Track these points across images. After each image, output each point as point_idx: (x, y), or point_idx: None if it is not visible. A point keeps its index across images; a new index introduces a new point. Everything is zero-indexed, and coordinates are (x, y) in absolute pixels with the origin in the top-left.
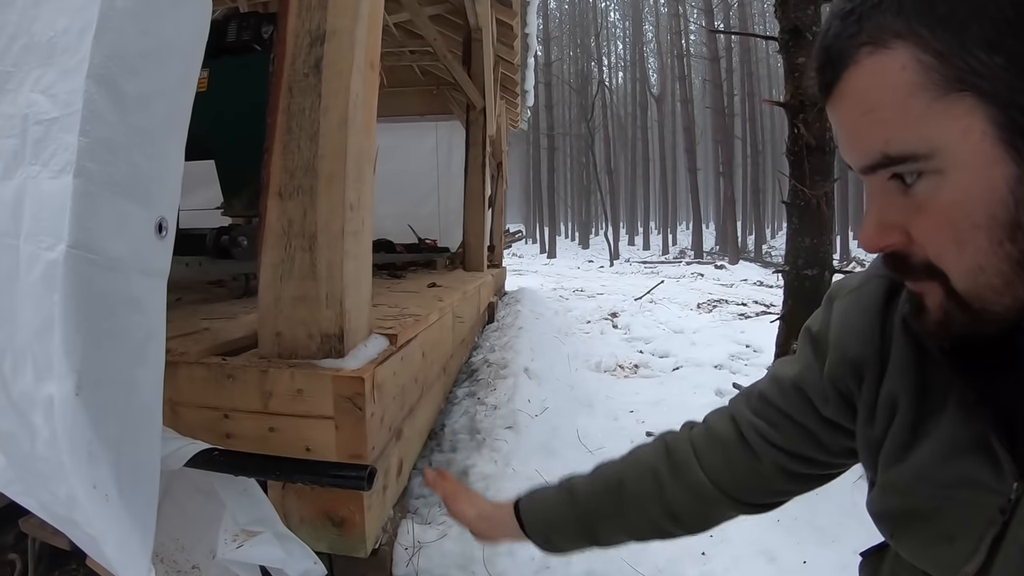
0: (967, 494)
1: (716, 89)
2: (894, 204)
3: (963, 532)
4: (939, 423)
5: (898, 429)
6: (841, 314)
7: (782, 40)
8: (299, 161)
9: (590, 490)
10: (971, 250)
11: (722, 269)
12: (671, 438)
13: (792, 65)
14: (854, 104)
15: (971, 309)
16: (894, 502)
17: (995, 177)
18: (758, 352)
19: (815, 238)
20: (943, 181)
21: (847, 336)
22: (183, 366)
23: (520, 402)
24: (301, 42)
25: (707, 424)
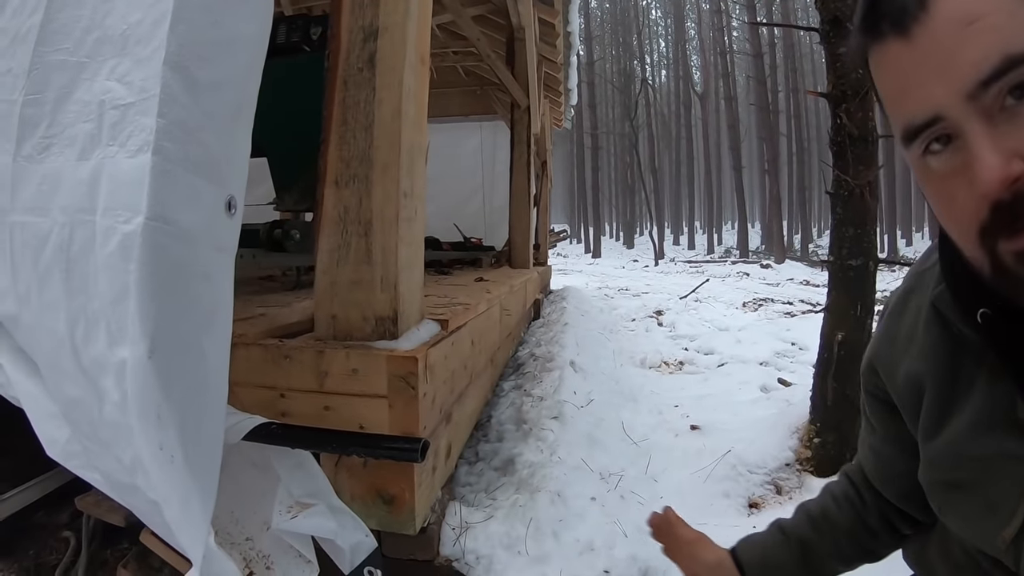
0: (1002, 464)
1: (760, 85)
2: (1008, 130)
3: (1002, 501)
4: (970, 399)
5: (929, 406)
6: (879, 326)
7: (823, 31)
8: (355, 151)
9: (798, 526)
10: None
11: (768, 268)
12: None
13: (834, 55)
14: (953, 20)
15: None
16: (937, 475)
17: None
18: (804, 350)
19: (859, 228)
20: None
21: (872, 344)
22: (240, 347)
23: (566, 394)
24: (355, 38)
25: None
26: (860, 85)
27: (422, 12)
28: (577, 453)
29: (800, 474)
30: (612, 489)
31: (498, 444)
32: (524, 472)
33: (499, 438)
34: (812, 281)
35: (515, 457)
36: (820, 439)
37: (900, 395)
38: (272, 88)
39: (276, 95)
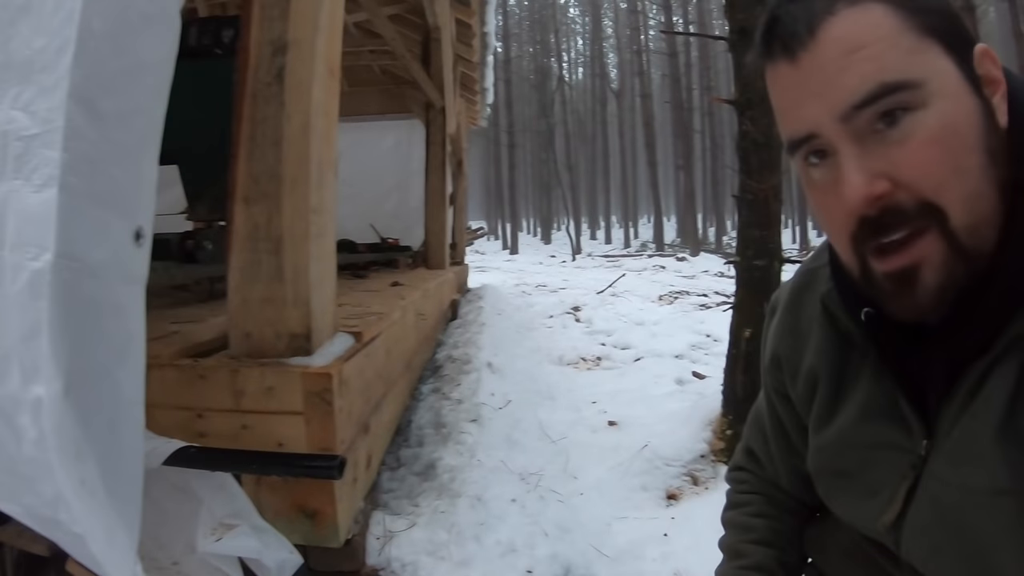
0: (883, 454)
1: (675, 84)
2: (876, 151)
3: (882, 487)
4: (856, 392)
5: (822, 398)
6: (772, 324)
7: (730, 40)
8: (263, 167)
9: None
10: (969, 174)
11: (683, 261)
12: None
13: (740, 64)
14: (838, 47)
15: (969, 255)
16: (824, 463)
17: (969, 106)
18: (718, 341)
19: (764, 230)
20: (928, 114)
21: (773, 340)
22: (155, 369)
23: (483, 396)
24: (263, 52)
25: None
26: (765, 93)
27: (332, 25)
28: (496, 455)
29: (715, 465)
30: (532, 489)
31: (419, 449)
32: (445, 477)
33: (419, 443)
34: (726, 273)
35: (436, 461)
36: (733, 431)
37: (799, 390)
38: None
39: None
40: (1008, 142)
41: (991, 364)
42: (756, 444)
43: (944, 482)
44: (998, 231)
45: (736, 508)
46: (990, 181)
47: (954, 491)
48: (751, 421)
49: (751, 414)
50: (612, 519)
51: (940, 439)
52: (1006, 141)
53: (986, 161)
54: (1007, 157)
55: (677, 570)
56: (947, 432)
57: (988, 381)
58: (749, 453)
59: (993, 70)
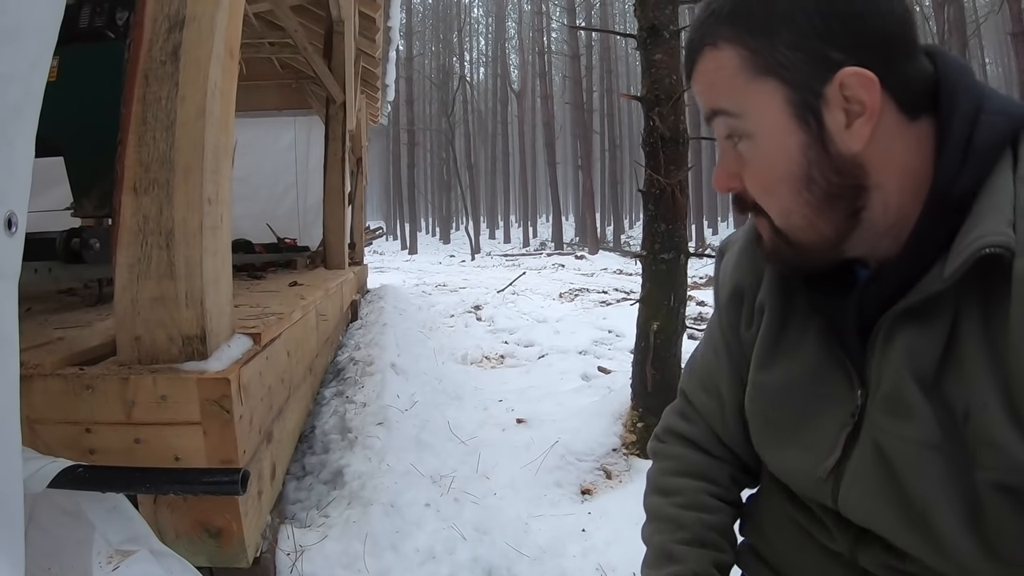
0: (823, 402)
1: (576, 85)
2: (731, 158)
3: (821, 435)
4: (799, 341)
5: (765, 333)
6: (730, 259)
7: (640, 37)
8: (155, 153)
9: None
10: (777, 197)
11: (582, 259)
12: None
13: (650, 61)
14: (703, 80)
15: (791, 242)
16: (764, 403)
17: (790, 142)
18: (620, 337)
19: (670, 224)
20: (754, 144)
21: (734, 273)
22: (37, 379)
23: (389, 398)
24: (159, 27)
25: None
26: (673, 90)
27: (234, 2)
28: (406, 458)
29: (627, 458)
30: (445, 492)
31: (324, 456)
32: (354, 484)
33: (325, 449)
34: (625, 270)
35: (343, 468)
36: (643, 423)
37: (754, 323)
38: (70, 79)
39: (74, 87)
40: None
41: (899, 316)
42: (698, 398)
43: (882, 430)
44: (822, 236)
45: (664, 496)
46: (806, 202)
47: (892, 439)
48: (691, 373)
49: (688, 366)
50: (529, 517)
51: (872, 389)
52: (860, 158)
53: (799, 188)
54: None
55: (599, 565)
56: (877, 382)
57: (898, 334)
58: (682, 415)
59: (861, 93)
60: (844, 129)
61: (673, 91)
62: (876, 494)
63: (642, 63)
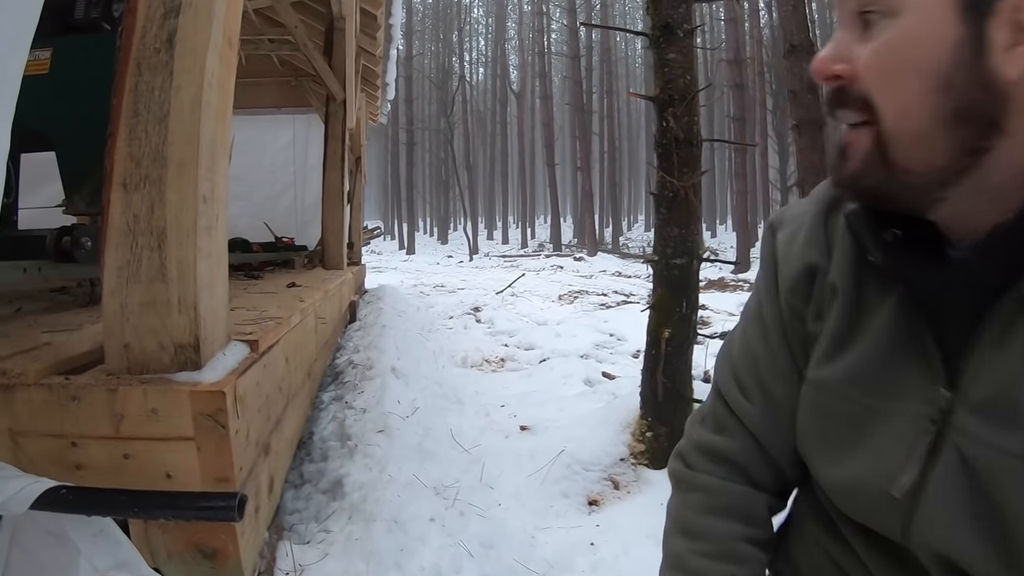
0: (898, 402)
1: (576, 87)
2: (852, 39)
3: (892, 444)
4: (874, 324)
5: (836, 320)
6: (788, 236)
7: (653, 36)
8: (146, 148)
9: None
10: (905, 90)
11: (581, 261)
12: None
13: (663, 60)
14: None
15: (889, 162)
16: (823, 404)
17: (943, 32)
18: (622, 340)
19: (683, 228)
20: (897, 23)
21: (805, 251)
22: (20, 389)
23: (390, 404)
24: (154, 13)
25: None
26: (687, 90)
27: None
28: (408, 468)
29: (636, 468)
30: (450, 505)
31: (323, 464)
32: (355, 496)
33: (323, 457)
34: (624, 272)
35: (343, 478)
36: (653, 433)
37: (821, 310)
38: (63, 71)
39: (67, 79)
40: None
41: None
42: (740, 402)
43: (976, 441)
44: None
45: (690, 539)
46: (932, 109)
47: (989, 453)
48: (729, 373)
49: (724, 365)
50: (536, 530)
51: (965, 388)
52: (1008, 90)
53: (933, 88)
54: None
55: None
56: (973, 381)
57: (1019, 325)
58: (717, 426)
59: None
60: (1005, 50)
61: (687, 91)
62: (962, 521)
63: (655, 62)
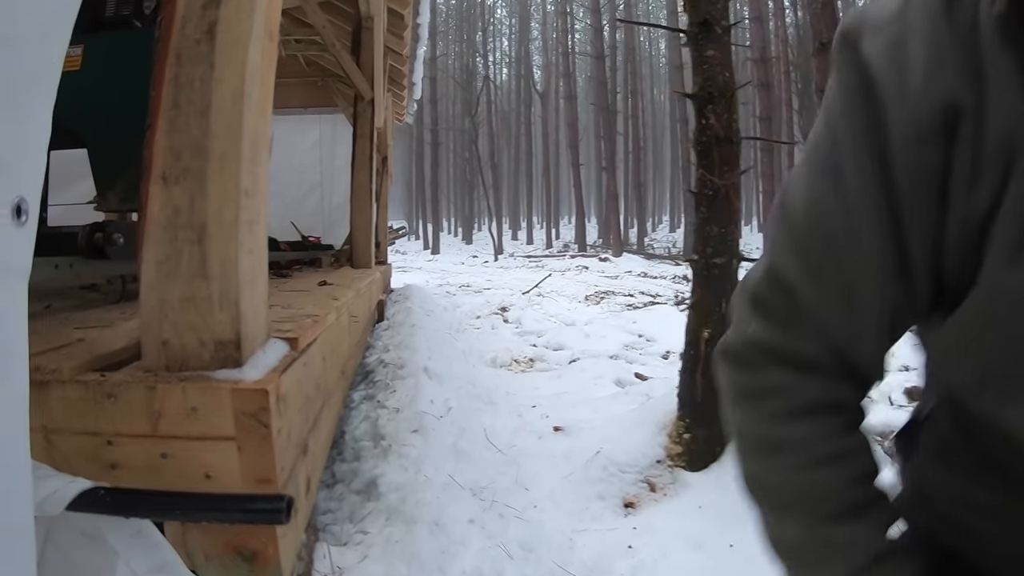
0: None
1: (600, 87)
2: None
3: None
4: None
5: (1018, 197)
6: (887, 46)
7: (691, 33)
8: (187, 140)
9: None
10: None
11: (606, 262)
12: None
13: (702, 57)
14: None
15: None
16: (1002, 327)
17: None
18: (651, 341)
19: (723, 227)
20: None
21: (935, 77)
22: (55, 386)
23: (423, 403)
24: (194, 3)
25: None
26: (726, 87)
27: None
28: (444, 469)
29: (673, 470)
30: (488, 508)
31: (356, 463)
32: (393, 497)
33: (356, 456)
34: (649, 273)
35: (377, 478)
36: (691, 434)
37: (980, 172)
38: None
39: (99, 76)
40: None
41: None
42: (809, 291)
43: None
44: None
45: (783, 452)
46: None
47: None
48: (794, 250)
49: (787, 239)
50: (573, 532)
51: None
52: None
53: None
54: None
55: None
56: None
57: None
58: (777, 318)
59: None
60: None
61: (726, 88)
62: None
63: (693, 59)
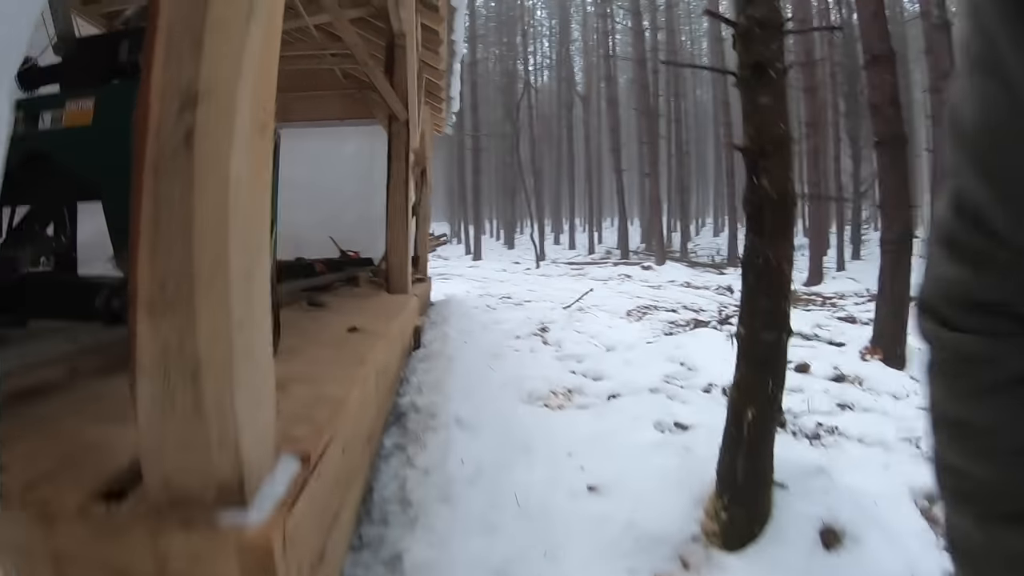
0: None
1: (643, 91)
2: None
3: None
4: None
5: None
6: None
7: (742, 77)
8: (171, 266)
9: None
10: None
11: (649, 270)
12: None
13: (755, 105)
14: None
15: None
16: None
17: None
18: (693, 371)
19: (773, 300)
20: None
21: None
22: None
23: (453, 463)
24: (168, 106)
25: None
26: (782, 141)
27: (264, 64)
28: (473, 543)
29: (707, 548)
30: None
31: (383, 529)
32: None
33: (383, 520)
34: (693, 283)
35: (403, 552)
36: (728, 514)
37: None
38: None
39: (113, 127)
40: None
41: None
42: (1003, 214)
43: None
44: None
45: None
46: None
47: None
48: (972, 174)
49: (962, 160)
50: None
51: None
52: None
53: None
54: None
55: None
56: None
57: None
58: (974, 260)
59: None
60: None
61: (782, 142)
62: None
63: (744, 107)
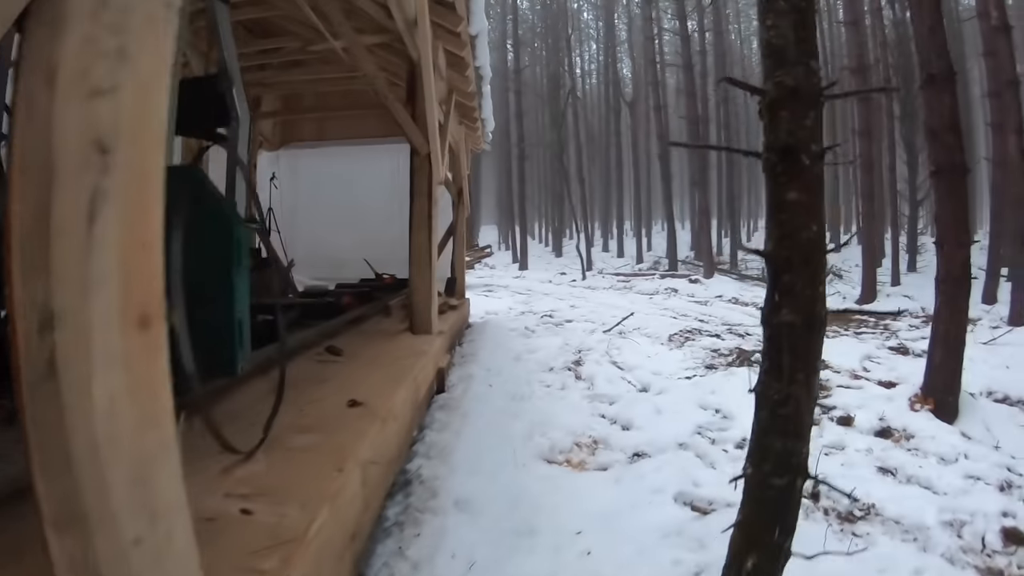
0: None
1: (689, 98)
2: None
3: None
4: None
5: None
6: None
7: (767, 161)
8: (61, 490)
9: None
10: None
11: (696, 283)
12: None
13: (780, 202)
14: None
15: None
16: None
17: None
18: (728, 419)
19: (789, 441)
20: None
21: None
22: None
23: (443, 560)
24: (30, 327)
25: None
26: (813, 250)
27: (130, 254)
28: None
29: None
30: None
31: None
32: None
33: None
34: (741, 299)
35: None
36: None
37: None
38: None
39: None
40: None
41: None
42: None
43: None
44: None
45: None
46: None
47: None
48: None
49: None
50: None
51: None
52: None
53: None
54: None
55: None
56: None
57: None
58: None
59: None
60: None
61: (812, 251)
62: None
63: (768, 199)
